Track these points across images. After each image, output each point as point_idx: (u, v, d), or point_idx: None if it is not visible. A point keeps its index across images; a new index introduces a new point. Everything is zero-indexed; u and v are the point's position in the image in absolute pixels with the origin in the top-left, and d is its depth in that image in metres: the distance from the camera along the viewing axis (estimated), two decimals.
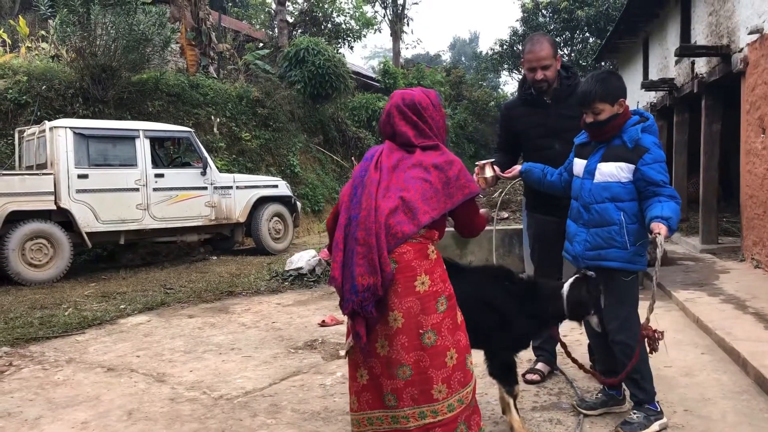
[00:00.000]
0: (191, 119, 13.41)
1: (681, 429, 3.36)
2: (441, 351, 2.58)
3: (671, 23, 12.77)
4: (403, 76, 24.32)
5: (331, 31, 22.20)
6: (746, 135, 8.39)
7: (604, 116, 3.28)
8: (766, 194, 7.62)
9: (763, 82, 7.69)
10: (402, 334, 2.54)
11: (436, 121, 2.77)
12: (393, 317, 2.55)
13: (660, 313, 5.86)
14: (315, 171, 16.58)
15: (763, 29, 7.62)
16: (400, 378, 2.55)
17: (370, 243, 2.50)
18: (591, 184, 3.33)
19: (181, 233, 10.16)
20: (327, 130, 18.12)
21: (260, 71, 17.77)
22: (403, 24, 31.06)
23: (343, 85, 17.27)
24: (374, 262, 2.48)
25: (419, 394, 2.55)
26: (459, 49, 62.93)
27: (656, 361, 4.50)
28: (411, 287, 2.55)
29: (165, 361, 4.95)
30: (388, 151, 2.73)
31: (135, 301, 7.05)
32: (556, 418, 3.54)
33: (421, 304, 2.56)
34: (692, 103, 11.53)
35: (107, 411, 3.89)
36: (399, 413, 2.58)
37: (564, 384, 4.06)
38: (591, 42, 26.95)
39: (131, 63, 12.39)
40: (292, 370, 4.64)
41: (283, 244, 11.28)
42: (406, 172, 2.64)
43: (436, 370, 2.56)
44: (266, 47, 20.67)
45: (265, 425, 3.61)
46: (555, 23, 28.03)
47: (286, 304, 7.02)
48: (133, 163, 9.36)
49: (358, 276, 2.49)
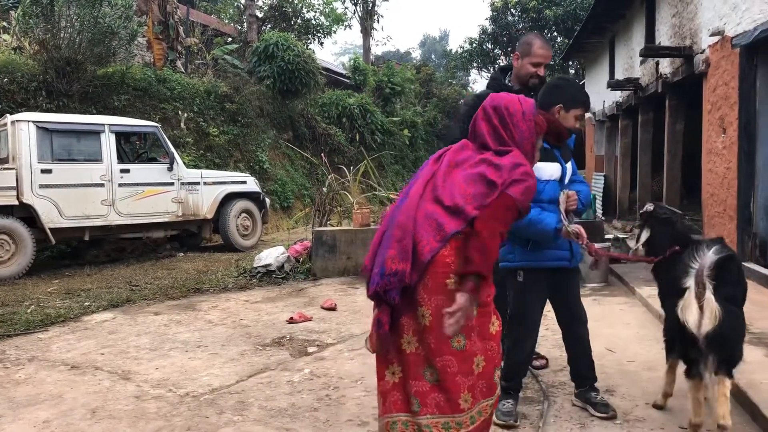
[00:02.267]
0: (158, 114, 13.24)
1: (643, 421, 3.44)
2: (469, 356, 2.43)
3: (636, 24, 12.98)
4: (374, 72, 24.29)
5: (301, 26, 22.07)
6: (707, 135, 8.58)
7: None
8: (726, 193, 7.80)
9: (723, 83, 7.87)
10: (430, 333, 2.39)
11: (521, 131, 2.60)
12: (421, 313, 2.40)
13: (624, 308, 5.99)
14: (284, 167, 16.50)
15: (724, 31, 7.80)
16: (427, 380, 2.41)
17: (407, 227, 2.40)
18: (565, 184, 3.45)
19: (147, 229, 10.02)
20: (296, 126, 18.03)
21: (229, 66, 17.61)
22: (373, 21, 30.99)
23: (313, 81, 17.21)
24: (407, 247, 2.36)
25: (445, 402, 2.39)
26: (429, 47, 63.08)
27: (620, 356, 4.62)
28: (442, 284, 2.38)
29: (130, 358, 4.89)
30: (458, 147, 2.64)
31: (100, 298, 6.95)
32: (522, 411, 3.58)
33: (449, 303, 2.36)
34: (657, 103, 11.76)
35: (70, 409, 3.83)
36: (422, 421, 2.40)
37: (529, 378, 4.11)
38: (559, 41, 27.24)
39: (96, 56, 12.18)
40: (260, 367, 4.62)
41: (252, 240, 11.20)
42: (467, 171, 2.51)
43: (464, 377, 2.41)
44: (235, 42, 20.48)
45: (231, 422, 3.60)
46: (524, 22, 28.29)
47: (254, 301, 6.99)
48: (98, 158, 9.20)
49: (389, 259, 2.37)
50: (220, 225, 10.80)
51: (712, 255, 2.94)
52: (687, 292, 2.97)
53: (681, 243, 3.48)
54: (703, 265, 2.92)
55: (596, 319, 5.62)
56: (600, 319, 5.67)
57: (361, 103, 20.51)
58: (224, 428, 3.52)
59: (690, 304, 2.95)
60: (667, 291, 3.52)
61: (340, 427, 3.49)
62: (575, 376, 3.69)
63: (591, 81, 18.89)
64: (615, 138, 15.39)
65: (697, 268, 2.93)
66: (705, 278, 2.93)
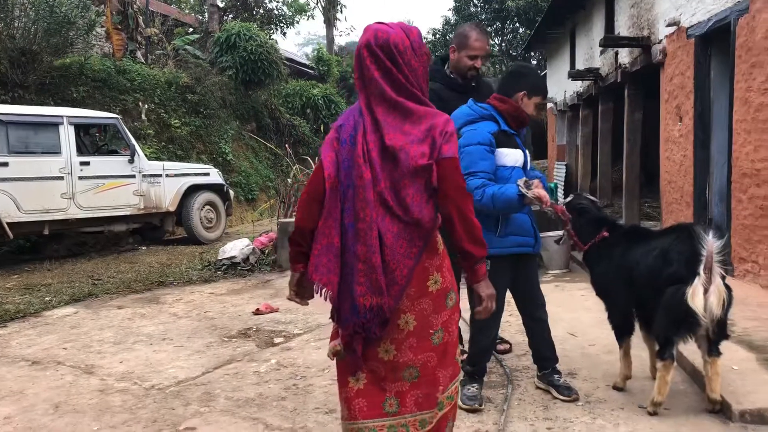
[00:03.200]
0: (118, 105, 13.01)
1: (604, 402, 3.53)
2: (450, 349, 2.37)
3: (596, 14, 13.17)
4: (338, 63, 24.22)
5: (263, 16, 21.86)
6: (665, 123, 8.78)
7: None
8: (683, 180, 8.00)
9: (680, 72, 8.05)
10: (412, 336, 2.28)
11: (415, 69, 2.23)
12: (405, 320, 2.26)
13: (585, 294, 6.11)
14: (248, 159, 16.36)
15: (680, 22, 7.97)
16: (406, 380, 2.29)
17: (373, 263, 2.15)
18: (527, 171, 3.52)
19: (108, 223, 9.86)
20: (260, 117, 17.89)
21: (190, 57, 17.35)
22: (336, 11, 30.83)
23: (276, 72, 17.08)
24: (379, 283, 2.15)
25: (424, 398, 2.30)
26: None
27: (581, 340, 4.72)
28: (424, 289, 2.27)
29: (93, 352, 4.83)
30: (371, 126, 2.21)
31: (61, 293, 6.83)
32: (486, 395, 3.65)
33: (433, 304, 2.29)
34: (616, 93, 11.96)
35: (32, 405, 3.77)
36: (399, 421, 2.29)
37: (493, 363, 4.18)
38: (521, 32, 27.49)
39: (53, 47, 11.91)
40: (226, 358, 4.61)
41: (216, 233, 11.11)
42: (399, 165, 2.18)
43: (444, 370, 2.34)
44: (196, 32, 20.20)
45: (198, 413, 3.59)
46: (486, 13, 28.44)
47: (220, 293, 6.95)
48: (56, 150, 9.01)
49: (359, 297, 2.16)
50: (183, 218, 10.68)
51: (716, 240, 2.98)
52: (695, 279, 3.00)
53: (608, 228, 3.64)
54: (711, 251, 2.97)
55: (558, 304, 5.74)
56: (562, 304, 5.79)
57: (326, 93, 20.44)
58: (191, 419, 3.51)
59: (698, 292, 2.99)
60: (607, 277, 3.63)
61: (307, 414, 3.51)
62: (538, 359, 3.76)
63: (553, 71, 19.12)
64: (576, 127, 15.62)
65: (706, 254, 2.97)
66: (714, 264, 2.99)
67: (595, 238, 3.65)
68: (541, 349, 3.74)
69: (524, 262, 3.60)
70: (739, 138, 6.32)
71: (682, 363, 3.91)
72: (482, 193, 3.25)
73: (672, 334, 3.19)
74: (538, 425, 3.27)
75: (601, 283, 3.74)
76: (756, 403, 3.22)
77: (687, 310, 3.03)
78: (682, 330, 3.16)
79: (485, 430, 3.24)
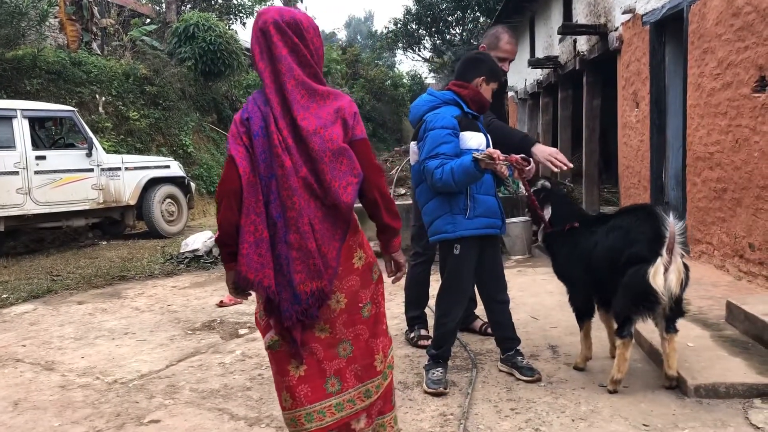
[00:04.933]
0: (74, 98, 12.72)
1: (565, 382, 3.60)
2: (380, 319, 2.48)
3: (555, 3, 13.30)
4: None
5: (222, 6, 21.59)
6: (622, 110, 8.93)
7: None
8: (640, 165, 8.16)
9: (636, 59, 8.20)
10: (344, 312, 2.37)
11: (318, 48, 2.32)
12: (336, 299, 2.34)
13: (547, 278, 6.20)
14: (209, 151, 16.17)
15: (635, 9, 8.11)
16: (342, 357, 2.38)
17: (308, 248, 2.22)
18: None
19: (66, 218, 9.66)
20: (221, 108, 17.69)
21: (148, 48, 17.03)
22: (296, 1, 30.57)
23: (237, 62, 16.87)
24: (317, 266, 2.23)
25: (363, 370, 2.41)
26: (354, 28, 62.82)
27: (543, 323, 4.81)
28: (351, 266, 2.37)
29: (54, 349, 4.74)
30: (280, 111, 2.23)
31: (19, 290, 6.69)
32: (451, 379, 3.69)
33: (360, 280, 2.39)
34: (575, 80, 12.10)
35: None
36: (344, 397, 2.39)
37: (457, 347, 4.23)
38: (481, 21, 27.59)
39: (4, 38, 11.61)
40: (190, 351, 4.57)
41: (178, 226, 10.98)
42: (316, 149, 2.22)
43: (375, 339, 2.44)
44: (153, 23, 19.82)
45: (162, 406, 3.56)
46: (447, 2, 28.48)
47: (182, 286, 6.88)
48: (10, 144, 8.79)
49: (299, 284, 2.22)
50: (144, 211, 10.53)
51: (677, 221, 3.08)
52: (657, 259, 3.08)
53: (580, 219, 3.71)
54: (673, 232, 3.06)
55: (521, 288, 5.83)
56: (524, 288, 5.88)
57: None
58: (155, 412, 3.48)
59: (659, 271, 3.07)
60: (569, 261, 3.71)
61: (273, 403, 3.50)
62: (501, 340, 3.82)
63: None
64: (536, 115, 15.79)
65: (668, 235, 3.05)
66: (676, 244, 3.07)
67: (564, 227, 3.70)
68: (506, 331, 3.80)
69: (490, 244, 3.65)
70: (693, 122, 6.47)
71: (639, 341, 4.01)
72: (441, 170, 3.32)
73: (632, 313, 3.27)
74: (502, 406, 3.32)
75: (563, 267, 3.81)
76: (710, 378, 3.32)
77: (648, 289, 3.10)
78: (642, 308, 3.24)
79: (450, 413, 3.28)
